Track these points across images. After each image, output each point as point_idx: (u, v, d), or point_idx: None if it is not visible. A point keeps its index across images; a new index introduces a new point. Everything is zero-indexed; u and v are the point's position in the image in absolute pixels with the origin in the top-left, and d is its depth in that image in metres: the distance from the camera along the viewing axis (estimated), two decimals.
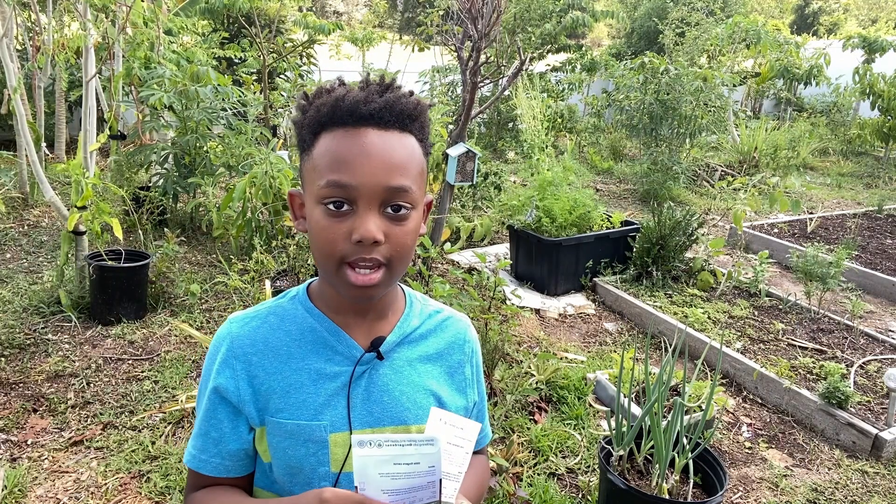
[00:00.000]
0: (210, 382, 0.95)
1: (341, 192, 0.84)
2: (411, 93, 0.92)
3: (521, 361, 3.49)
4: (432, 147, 0.96)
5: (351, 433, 0.91)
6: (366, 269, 0.86)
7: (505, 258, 4.96)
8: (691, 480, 2.23)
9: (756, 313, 4.28)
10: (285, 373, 0.93)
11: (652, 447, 2.26)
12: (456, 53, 4.17)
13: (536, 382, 3.25)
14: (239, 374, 0.94)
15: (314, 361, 0.94)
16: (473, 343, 1.09)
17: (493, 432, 2.85)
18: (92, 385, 3.09)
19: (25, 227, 5.13)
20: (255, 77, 7.14)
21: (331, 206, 0.85)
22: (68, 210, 3.62)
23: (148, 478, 2.48)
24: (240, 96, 5.42)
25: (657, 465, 2.22)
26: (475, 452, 1.11)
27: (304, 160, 0.90)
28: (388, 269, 0.88)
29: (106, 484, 2.44)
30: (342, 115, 0.85)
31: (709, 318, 4.17)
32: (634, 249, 4.72)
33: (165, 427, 2.79)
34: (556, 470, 2.71)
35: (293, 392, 0.93)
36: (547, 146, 5.50)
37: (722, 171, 8.61)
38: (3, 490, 2.33)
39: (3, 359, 3.19)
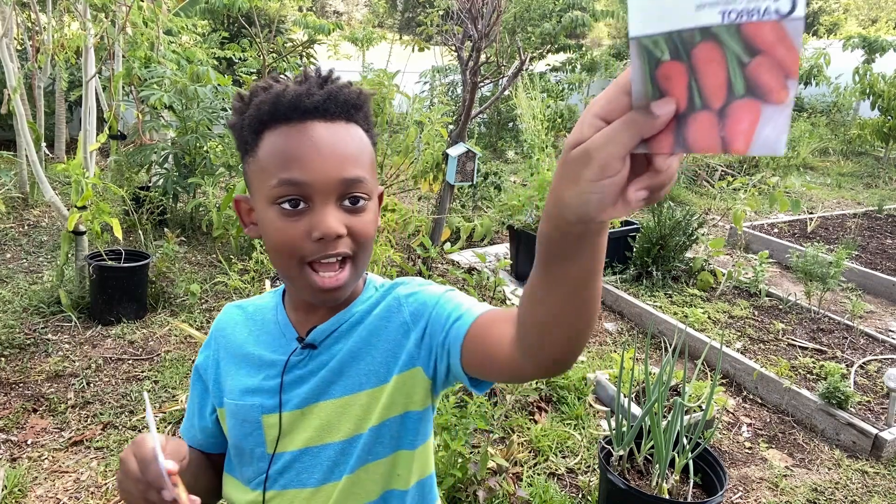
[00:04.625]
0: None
1: (295, 189, 0.82)
2: (350, 83, 0.90)
3: None
4: (378, 138, 0.95)
5: (281, 416, 0.93)
6: (330, 270, 0.84)
7: (505, 258, 4.96)
8: (691, 480, 2.24)
9: (756, 313, 4.28)
10: (237, 357, 0.99)
11: (652, 447, 2.26)
12: (456, 53, 4.17)
13: (536, 382, 3.25)
14: (210, 356, 1.02)
15: (261, 349, 0.98)
16: (404, 294, 0.95)
17: (492, 432, 2.85)
18: (92, 385, 3.09)
19: (25, 227, 5.13)
20: (254, 77, 7.14)
21: (285, 206, 0.83)
22: (68, 210, 3.62)
23: None
24: None
25: (657, 465, 2.22)
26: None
27: (248, 163, 0.87)
28: (354, 263, 0.87)
29: (106, 484, 2.44)
30: (284, 110, 0.83)
31: (709, 318, 4.17)
32: (634, 249, 4.72)
33: (165, 427, 2.79)
34: (556, 470, 2.71)
35: (239, 375, 0.98)
36: (547, 146, 5.50)
37: (722, 170, 8.61)
38: (3, 490, 2.33)
39: (3, 359, 3.19)
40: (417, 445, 0.95)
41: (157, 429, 2.76)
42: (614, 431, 2.33)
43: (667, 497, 2.17)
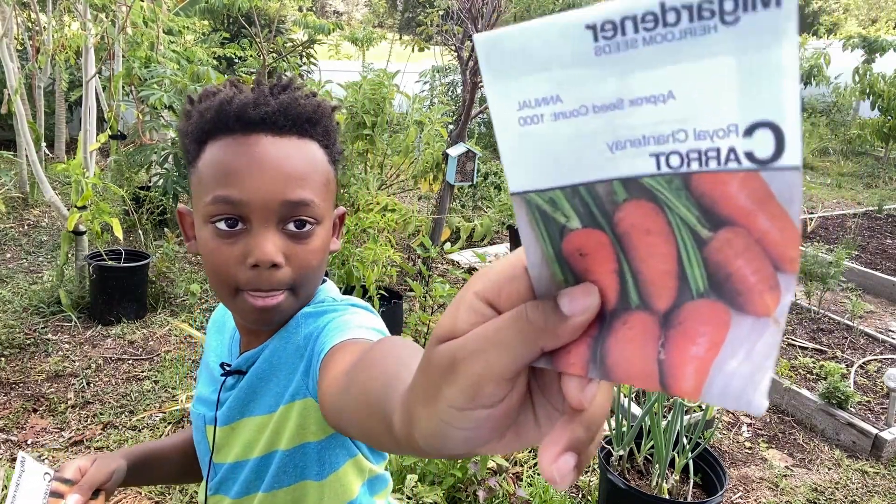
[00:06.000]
0: None
1: (230, 208, 0.74)
2: (314, 94, 0.83)
3: None
4: (341, 154, 0.87)
5: (216, 429, 0.93)
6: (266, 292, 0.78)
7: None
8: (691, 480, 2.24)
9: None
10: (203, 363, 1.00)
11: (652, 447, 2.26)
12: (456, 53, 4.17)
13: None
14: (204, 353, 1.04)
15: (214, 362, 0.97)
16: (307, 316, 0.87)
17: None
18: (92, 385, 3.09)
19: (25, 227, 5.13)
20: (255, 77, 7.13)
21: (220, 225, 0.75)
22: (68, 210, 3.62)
23: None
24: None
25: (657, 465, 2.22)
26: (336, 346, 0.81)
27: (192, 173, 0.81)
28: (294, 293, 0.80)
29: None
30: (229, 120, 0.75)
31: None
32: None
33: (165, 427, 2.79)
34: None
35: (200, 382, 1.00)
36: None
37: None
38: (3, 490, 2.33)
39: (3, 359, 3.19)
40: (325, 476, 0.87)
41: (157, 428, 2.75)
42: (614, 431, 2.33)
43: (667, 497, 2.17)
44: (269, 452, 0.87)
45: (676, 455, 2.26)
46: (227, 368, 0.91)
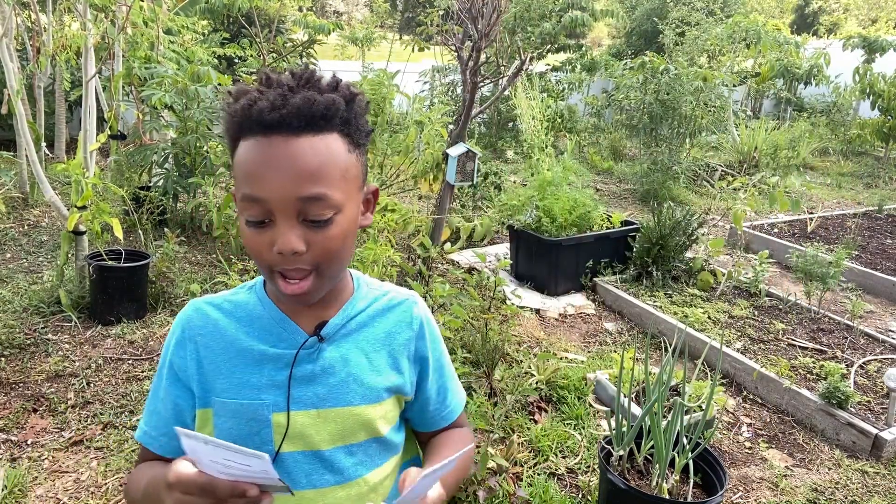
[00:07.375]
0: (166, 360, 1.00)
1: (255, 205, 0.84)
2: (335, 85, 0.89)
3: (521, 361, 3.49)
4: (371, 135, 0.94)
5: (289, 413, 0.93)
6: (295, 278, 0.87)
7: (505, 258, 4.95)
8: (691, 480, 2.24)
9: (756, 313, 4.28)
10: (230, 353, 0.96)
11: (652, 447, 2.26)
12: (456, 53, 4.17)
13: (536, 382, 3.25)
14: (188, 355, 0.98)
15: (259, 345, 0.96)
16: (423, 318, 1.06)
17: (492, 432, 2.85)
18: (92, 385, 3.09)
19: (25, 227, 5.13)
20: (255, 78, 7.12)
21: (250, 219, 0.86)
22: (68, 210, 3.62)
23: None
24: None
25: (657, 465, 2.22)
26: (449, 427, 1.13)
27: (232, 164, 0.90)
28: (318, 274, 0.88)
29: (106, 484, 2.44)
30: (251, 124, 0.84)
31: (709, 318, 4.17)
32: (634, 249, 4.72)
33: None
34: (556, 470, 2.71)
35: (237, 373, 0.96)
36: (547, 146, 5.50)
37: (722, 170, 8.60)
38: (3, 490, 2.33)
39: (3, 359, 3.19)
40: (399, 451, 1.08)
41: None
42: (614, 431, 2.33)
43: (667, 497, 2.17)
44: (369, 438, 0.99)
45: (676, 455, 2.26)
46: (318, 334, 0.96)
